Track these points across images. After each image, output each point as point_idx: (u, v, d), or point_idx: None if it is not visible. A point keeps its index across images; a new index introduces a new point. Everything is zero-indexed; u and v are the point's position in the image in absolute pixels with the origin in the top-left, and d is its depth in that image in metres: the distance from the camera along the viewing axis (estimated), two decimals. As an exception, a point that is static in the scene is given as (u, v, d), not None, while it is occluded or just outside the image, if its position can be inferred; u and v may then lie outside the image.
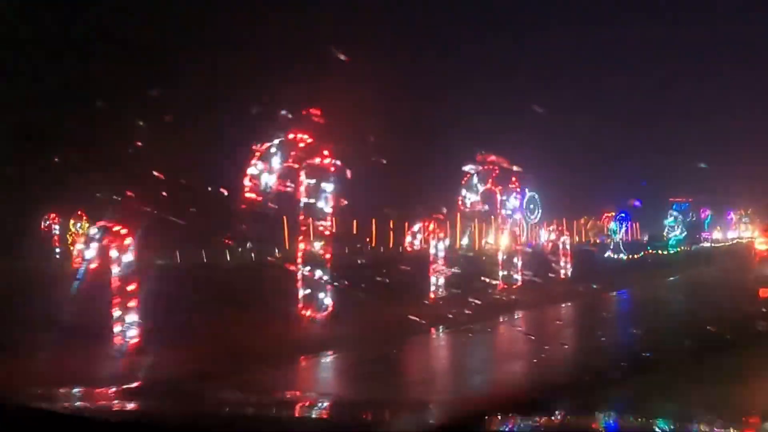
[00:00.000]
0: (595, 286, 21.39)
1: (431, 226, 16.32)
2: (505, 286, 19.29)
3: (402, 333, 12.31)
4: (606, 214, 48.62)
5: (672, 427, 3.40)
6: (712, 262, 42.98)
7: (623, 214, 47.94)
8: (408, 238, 16.37)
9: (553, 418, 3.48)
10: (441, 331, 13.25)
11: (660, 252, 46.09)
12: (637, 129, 49.53)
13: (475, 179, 19.47)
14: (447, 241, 16.60)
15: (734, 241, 56.42)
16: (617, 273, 28.11)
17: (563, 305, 17.81)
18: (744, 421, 3.80)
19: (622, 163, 50.86)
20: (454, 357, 11.99)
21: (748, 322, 11.10)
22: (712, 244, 55.13)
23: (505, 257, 19.50)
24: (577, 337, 13.35)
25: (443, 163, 19.65)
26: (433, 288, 16.19)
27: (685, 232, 53.91)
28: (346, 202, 12.97)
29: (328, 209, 12.85)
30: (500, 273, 19.42)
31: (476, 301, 15.64)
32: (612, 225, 46.78)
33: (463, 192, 19.35)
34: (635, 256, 38.88)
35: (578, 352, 10.88)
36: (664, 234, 52.31)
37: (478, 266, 18.65)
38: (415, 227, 16.40)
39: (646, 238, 52.46)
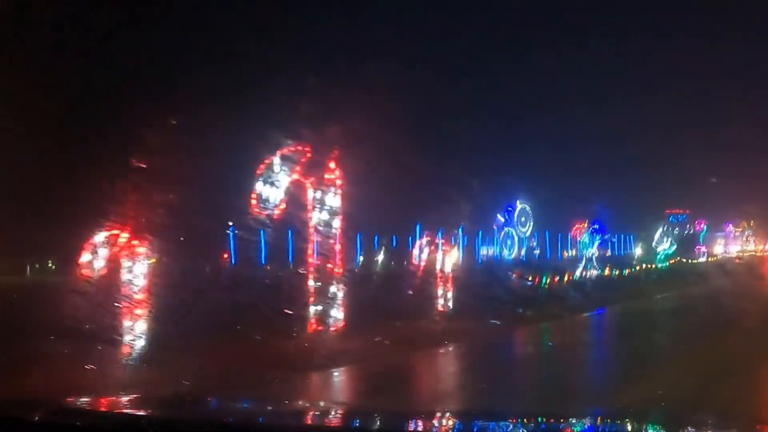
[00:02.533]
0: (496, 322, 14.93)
1: (124, 236, 9.65)
2: (318, 329, 12.67)
3: None
4: (577, 226, 42.76)
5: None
6: (706, 277, 37.45)
7: (597, 226, 42.51)
8: (85, 256, 9.54)
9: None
10: None
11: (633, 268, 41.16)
12: (635, 139, 45.00)
13: (277, 167, 12.88)
14: (149, 259, 9.86)
15: (738, 254, 52.77)
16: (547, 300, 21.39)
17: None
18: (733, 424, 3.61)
19: (618, 175, 46.31)
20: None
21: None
22: (709, 258, 51.15)
23: (318, 283, 12.84)
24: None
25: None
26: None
27: (675, 246, 48.75)
28: None
29: None
30: (311, 308, 12.78)
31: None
32: (584, 238, 41.38)
33: (258, 186, 12.79)
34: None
35: None
36: (653, 247, 46.79)
37: (254, 295, 11.97)
38: (98, 237, 9.61)
39: (637, 252, 47.79)
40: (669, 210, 52.20)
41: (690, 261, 46.37)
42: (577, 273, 35.71)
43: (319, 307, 12.80)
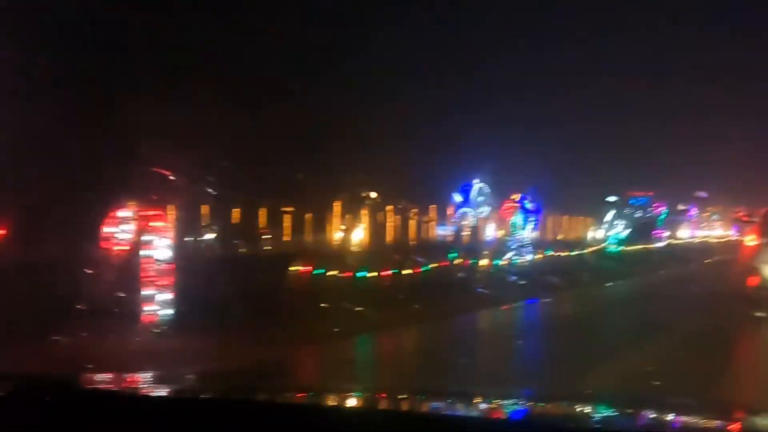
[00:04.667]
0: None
1: None
2: None
3: None
4: (507, 204, 37.96)
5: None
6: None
7: (529, 204, 37.86)
8: None
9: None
10: None
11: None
12: (596, 122, 44.00)
13: None
14: None
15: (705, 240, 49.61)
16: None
17: None
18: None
19: (576, 153, 43.62)
20: None
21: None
22: (668, 243, 46.27)
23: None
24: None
25: None
26: None
27: (631, 230, 44.12)
28: None
29: None
30: None
31: None
32: (515, 217, 36.39)
33: None
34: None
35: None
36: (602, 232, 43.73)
37: None
38: None
39: (590, 236, 43.66)
40: (631, 192, 48.42)
41: (644, 247, 40.20)
42: (505, 258, 30.23)
43: None
